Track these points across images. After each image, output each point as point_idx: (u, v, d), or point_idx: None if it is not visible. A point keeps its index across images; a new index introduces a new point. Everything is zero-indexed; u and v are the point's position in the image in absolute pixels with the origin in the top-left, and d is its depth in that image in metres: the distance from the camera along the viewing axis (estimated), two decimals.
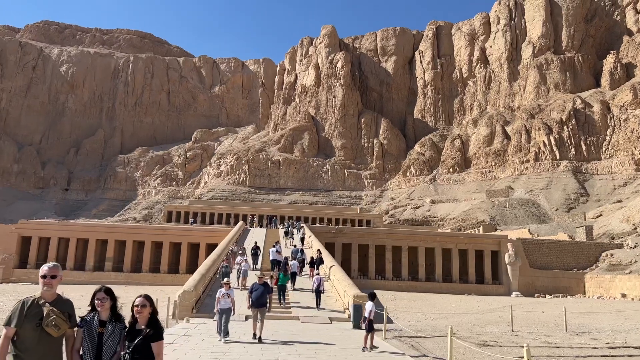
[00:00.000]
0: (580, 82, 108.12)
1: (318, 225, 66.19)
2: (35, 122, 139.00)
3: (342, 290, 21.52)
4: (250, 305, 14.49)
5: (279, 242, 32.44)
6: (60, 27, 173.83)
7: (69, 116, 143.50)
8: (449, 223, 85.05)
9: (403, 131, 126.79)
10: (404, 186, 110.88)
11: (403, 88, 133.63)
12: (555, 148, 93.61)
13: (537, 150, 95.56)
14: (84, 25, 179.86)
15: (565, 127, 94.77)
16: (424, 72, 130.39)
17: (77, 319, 4.69)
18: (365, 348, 12.94)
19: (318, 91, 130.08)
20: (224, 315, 13.74)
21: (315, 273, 25.41)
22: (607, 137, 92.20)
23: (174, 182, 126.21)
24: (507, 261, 44.77)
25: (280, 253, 28.70)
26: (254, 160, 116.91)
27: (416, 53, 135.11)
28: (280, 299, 21.55)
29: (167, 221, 78.29)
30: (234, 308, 14.57)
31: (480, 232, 69.64)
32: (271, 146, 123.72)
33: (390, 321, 19.24)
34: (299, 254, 29.07)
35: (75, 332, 4.65)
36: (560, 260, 47.76)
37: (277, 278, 21.89)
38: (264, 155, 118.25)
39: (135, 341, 4.54)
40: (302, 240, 37.88)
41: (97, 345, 4.57)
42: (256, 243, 31.46)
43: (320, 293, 21.23)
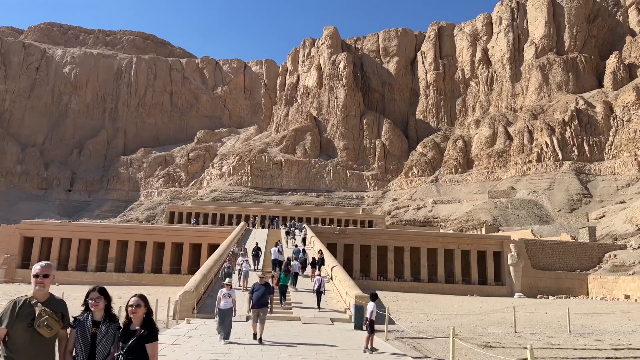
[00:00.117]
0: (583, 83, 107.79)
1: (320, 225, 66.13)
2: (38, 123, 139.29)
3: (344, 291, 21.43)
4: (251, 305, 14.28)
5: (280, 242, 32.37)
6: (64, 28, 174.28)
7: (72, 117, 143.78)
8: (451, 224, 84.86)
9: (405, 132, 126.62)
10: (406, 187, 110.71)
11: (405, 89, 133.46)
12: (557, 149, 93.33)
13: (539, 151, 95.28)
14: (87, 27, 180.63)
15: (567, 128, 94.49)
16: (426, 73, 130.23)
17: (71, 319, 4.60)
18: (367, 349, 12.85)
19: (320, 92, 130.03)
20: (226, 316, 13.49)
21: (316, 273, 25.35)
22: (610, 138, 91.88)
23: (176, 183, 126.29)
24: (509, 262, 44.62)
25: (282, 253, 28.62)
26: (256, 161, 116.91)
27: (418, 54, 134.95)
28: (282, 299, 21.51)
29: (170, 222, 78.34)
30: (235, 309, 14.44)
31: (483, 232, 69.45)
32: (273, 147, 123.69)
33: (392, 322, 19.16)
34: (300, 254, 29.00)
35: (69, 332, 4.55)
36: (563, 261, 47.56)
37: (278, 278, 21.82)
38: (266, 156, 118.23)
39: (130, 342, 4.45)
40: (304, 240, 37.81)
41: (90, 346, 4.46)
42: (257, 244, 31.37)
43: (321, 294, 21.19)
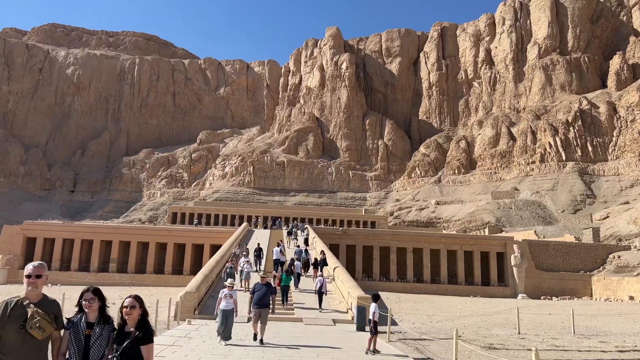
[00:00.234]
0: (587, 83, 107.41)
1: (322, 226, 65.94)
2: (41, 124, 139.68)
3: (346, 292, 21.32)
4: (252, 305, 14.07)
5: (282, 242, 32.26)
6: (67, 29, 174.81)
7: (75, 118, 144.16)
8: (454, 224, 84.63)
9: (408, 132, 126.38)
10: (409, 187, 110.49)
11: (408, 89, 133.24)
12: (561, 149, 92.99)
13: (542, 152, 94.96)
14: (90, 28, 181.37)
15: (571, 128, 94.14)
16: (428, 74, 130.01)
17: (64, 321, 4.49)
18: (369, 351, 12.71)
19: (323, 92, 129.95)
20: (227, 317, 13.29)
21: (318, 274, 25.24)
22: (614, 138, 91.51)
23: (179, 184, 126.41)
24: (513, 263, 44.42)
25: (284, 253, 28.50)
26: (259, 162, 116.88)
27: (421, 54, 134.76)
28: (284, 300, 21.39)
29: (172, 222, 78.33)
30: (237, 309, 14.28)
31: (486, 233, 69.18)
32: (276, 147, 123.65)
33: (394, 323, 19.03)
34: (303, 254, 28.90)
35: (62, 334, 4.45)
36: (567, 262, 47.31)
37: (280, 279, 21.71)
38: (269, 157, 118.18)
39: (124, 344, 4.33)
40: (306, 241, 37.68)
41: (84, 348, 4.35)
42: (259, 244, 31.25)
43: (322, 294, 21.09)
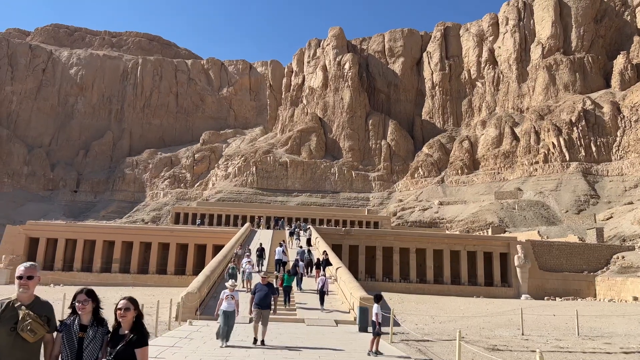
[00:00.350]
0: (590, 83, 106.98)
1: (325, 226, 65.78)
2: (44, 124, 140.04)
3: (349, 292, 21.21)
4: (253, 306, 13.77)
5: (284, 242, 32.16)
6: (70, 30, 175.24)
7: (78, 118, 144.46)
8: (457, 225, 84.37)
9: (411, 133, 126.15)
10: (412, 188, 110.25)
11: (411, 89, 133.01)
12: (564, 149, 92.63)
13: (546, 152, 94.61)
14: (93, 28, 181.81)
15: (574, 129, 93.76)
16: (432, 74, 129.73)
17: (57, 323, 4.40)
18: (371, 352, 12.60)
19: (325, 93, 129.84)
20: (228, 318, 13.15)
21: (321, 274, 25.14)
22: (618, 139, 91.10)
23: (182, 184, 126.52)
24: (516, 263, 44.22)
25: (286, 253, 28.40)
26: (262, 162, 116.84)
27: (424, 54, 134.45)
28: (286, 300, 21.27)
29: (175, 223, 78.34)
30: (238, 310, 14.16)
31: (489, 234, 68.96)
32: (279, 148, 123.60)
33: (397, 324, 18.91)
34: (306, 254, 28.80)
35: (55, 337, 4.35)
36: (571, 262, 47.09)
37: (282, 279, 21.60)
38: (272, 157, 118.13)
39: (118, 347, 4.24)
40: (309, 241, 37.56)
41: (77, 352, 4.25)
42: (261, 244, 31.16)
43: (324, 293, 21.02)
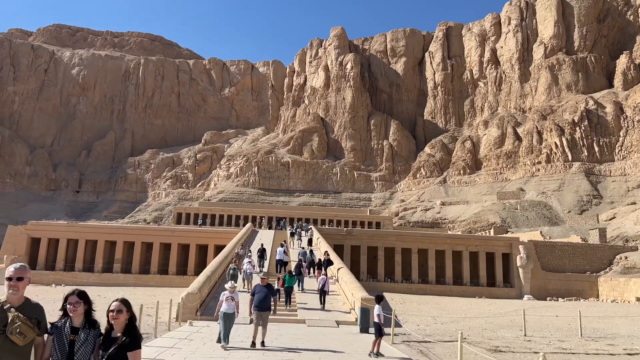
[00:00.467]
0: (593, 83, 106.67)
1: (327, 227, 65.78)
2: (46, 124, 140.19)
3: (350, 293, 21.12)
4: (252, 308, 13.60)
5: (286, 243, 32.09)
6: (72, 30, 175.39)
7: (80, 118, 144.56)
8: (459, 225, 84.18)
9: (413, 133, 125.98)
10: (414, 188, 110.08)
11: (413, 89, 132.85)
12: (567, 149, 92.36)
13: (548, 152, 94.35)
14: (95, 28, 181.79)
15: (577, 129, 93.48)
16: (434, 74, 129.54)
17: (48, 325, 4.30)
18: (373, 353, 12.50)
19: (327, 93, 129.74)
20: (228, 319, 13.04)
21: (322, 274, 25.06)
22: (620, 139, 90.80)
23: (184, 184, 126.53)
24: (518, 264, 44.07)
25: (287, 254, 28.32)
26: (264, 162, 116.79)
27: (426, 54, 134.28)
28: (287, 301, 21.17)
29: (177, 223, 78.37)
30: (238, 312, 14.06)
31: (492, 234, 68.80)
32: (280, 148, 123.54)
33: (398, 325, 18.81)
34: (308, 254, 28.73)
35: (46, 339, 4.25)
36: (573, 263, 46.91)
37: (283, 280, 21.52)
38: (274, 157, 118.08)
39: (110, 350, 4.15)
40: (310, 241, 37.49)
41: (68, 355, 4.14)
42: (262, 244, 31.09)
43: (325, 293, 20.94)
